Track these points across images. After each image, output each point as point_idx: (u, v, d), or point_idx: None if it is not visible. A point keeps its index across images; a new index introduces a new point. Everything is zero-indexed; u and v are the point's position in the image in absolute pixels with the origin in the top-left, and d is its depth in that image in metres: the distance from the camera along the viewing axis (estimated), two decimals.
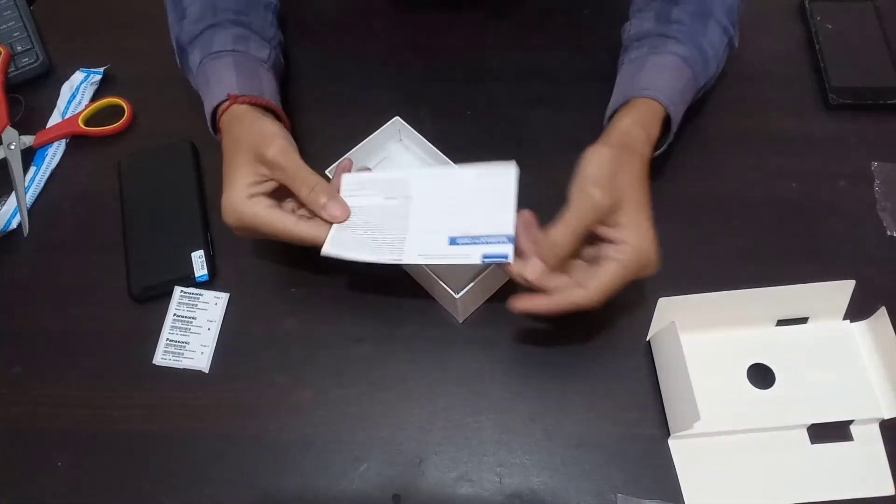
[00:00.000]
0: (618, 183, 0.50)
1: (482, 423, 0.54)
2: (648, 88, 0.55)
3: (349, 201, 0.53)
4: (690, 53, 0.57)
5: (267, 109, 0.58)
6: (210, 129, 0.59)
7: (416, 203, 0.53)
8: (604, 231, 0.50)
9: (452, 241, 0.50)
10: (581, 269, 0.51)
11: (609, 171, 0.50)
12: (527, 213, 0.51)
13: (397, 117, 0.60)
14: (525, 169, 0.64)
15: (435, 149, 0.59)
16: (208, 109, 0.58)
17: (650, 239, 0.50)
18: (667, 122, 0.56)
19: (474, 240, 0.50)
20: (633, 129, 0.54)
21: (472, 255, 0.49)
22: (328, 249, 0.51)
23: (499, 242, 0.49)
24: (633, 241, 0.49)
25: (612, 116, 0.57)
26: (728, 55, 0.61)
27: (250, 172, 0.53)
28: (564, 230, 0.49)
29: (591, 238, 0.51)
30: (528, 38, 0.72)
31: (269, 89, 0.59)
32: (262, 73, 0.60)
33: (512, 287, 0.59)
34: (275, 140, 0.53)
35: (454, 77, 0.69)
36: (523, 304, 0.50)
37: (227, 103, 0.56)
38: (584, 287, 0.49)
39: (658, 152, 0.57)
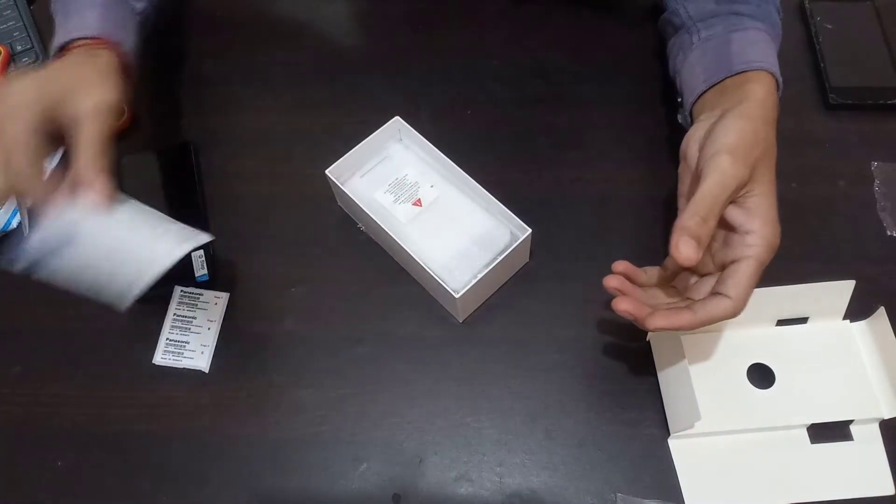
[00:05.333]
0: (754, 154, 0.47)
1: (482, 423, 0.54)
2: (759, 62, 0.53)
3: None
4: (769, 30, 0.56)
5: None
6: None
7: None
8: (733, 214, 0.47)
9: None
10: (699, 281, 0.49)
11: (748, 143, 0.48)
12: (621, 264, 0.50)
13: (397, 117, 0.60)
14: (525, 169, 0.64)
15: (435, 149, 0.59)
16: (59, 41, 0.54)
17: (777, 226, 0.47)
18: None
19: None
20: (768, 100, 0.51)
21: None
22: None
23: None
24: (764, 232, 0.46)
25: (702, 93, 0.55)
26: None
27: (46, 96, 0.47)
28: (711, 202, 0.45)
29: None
30: (528, 38, 0.72)
31: (130, 43, 0.56)
32: (130, 25, 0.57)
33: (512, 287, 0.59)
34: (106, 94, 0.49)
35: (454, 77, 0.69)
36: (662, 321, 0.46)
37: (82, 42, 0.53)
38: (727, 296, 0.45)
39: None
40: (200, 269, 0.59)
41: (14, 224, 0.63)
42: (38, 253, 0.47)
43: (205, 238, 0.49)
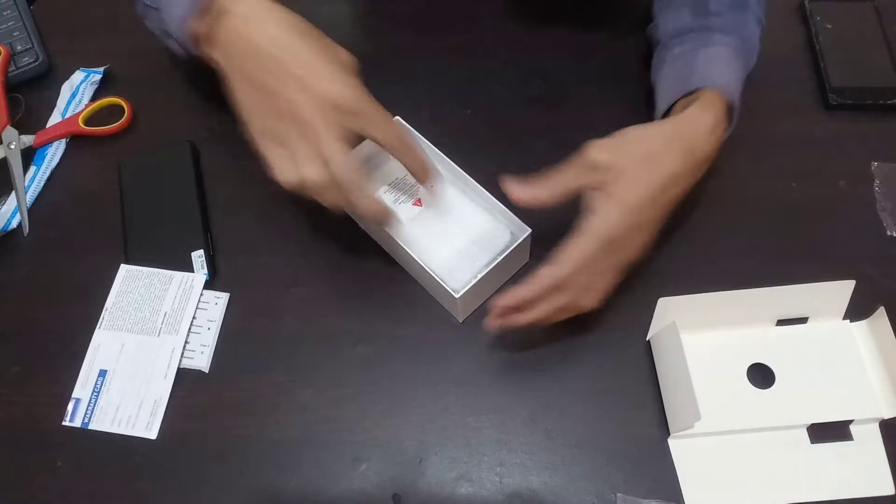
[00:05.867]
0: (628, 151, 0.50)
1: (482, 423, 0.54)
2: (711, 80, 0.54)
3: None
4: (738, 44, 0.57)
5: None
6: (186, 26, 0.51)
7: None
8: (589, 196, 0.50)
9: None
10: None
11: (627, 138, 0.51)
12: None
13: (397, 117, 0.60)
14: (525, 169, 0.64)
15: (435, 149, 0.58)
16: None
17: (626, 213, 0.49)
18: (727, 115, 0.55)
19: None
20: (698, 120, 0.52)
21: None
22: None
23: None
24: (600, 211, 0.49)
25: (667, 112, 0.57)
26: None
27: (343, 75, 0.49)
28: (562, 171, 0.51)
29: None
30: (528, 38, 0.72)
31: None
32: None
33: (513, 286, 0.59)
34: (346, 62, 0.51)
35: (454, 77, 0.69)
36: (504, 300, 0.50)
37: None
38: (552, 263, 0.49)
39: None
40: (200, 269, 0.59)
41: (14, 224, 0.63)
42: None
43: None
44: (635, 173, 0.49)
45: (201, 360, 0.56)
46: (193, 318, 0.58)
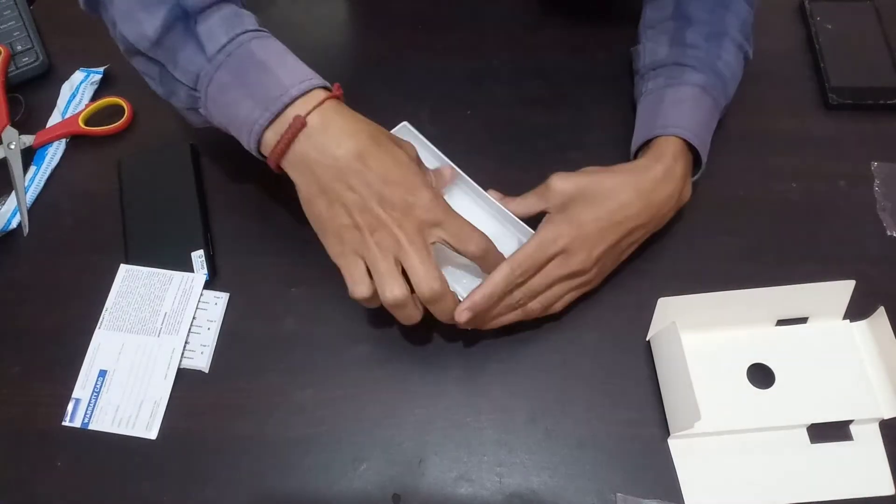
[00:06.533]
0: (586, 182, 0.53)
1: (482, 423, 0.54)
2: (671, 126, 0.56)
3: None
4: (708, 80, 0.57)
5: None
6: (258, 128, 0.49)
7: None
8: (547, 215, 0.54)
9: None
10: None
11: (588, 172, 0.54)
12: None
13: (405, 123, 0.60)
14: (525, 169, 0.64)
15: (440, 153, 0.58)
16: (278, 98, 0.48)
17: (572, 228, 0.51)
18: (695, 154, 0.57)
19: None
20: (650, 167, 0.54)
21: None
22: None
23: None
24: (550, 222, 0.53)
25: (637, 152, 0.58)
26: (744, 67, 0.61)
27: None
28: (522, 199, 0.56)
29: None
30: (528, 38, 0.72)
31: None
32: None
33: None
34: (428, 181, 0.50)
35: (454, 77, 0.69)
36: (467, 304, 0.50)
37: (320, 94, 0.49)
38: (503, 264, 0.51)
39: (693, 180, 0.58)
40: (200, 269, 0.59)
41: (14, 224, 0.63)
42: None
43: None
44: (589, 198, 0.53)
45: (201, 360, 0.56)
46: (193, 318, 0.58)
